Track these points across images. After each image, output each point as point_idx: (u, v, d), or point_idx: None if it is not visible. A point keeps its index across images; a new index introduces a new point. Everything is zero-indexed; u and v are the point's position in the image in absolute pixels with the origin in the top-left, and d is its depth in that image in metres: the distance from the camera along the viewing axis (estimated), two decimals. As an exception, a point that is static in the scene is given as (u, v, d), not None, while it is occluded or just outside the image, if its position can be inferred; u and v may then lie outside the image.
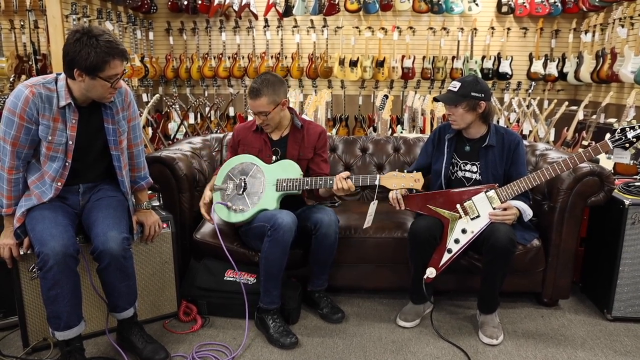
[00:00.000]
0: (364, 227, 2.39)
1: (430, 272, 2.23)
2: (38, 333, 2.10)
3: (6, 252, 1.95)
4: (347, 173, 2.27)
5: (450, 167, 2.43)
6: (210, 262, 2.49)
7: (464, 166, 2.41)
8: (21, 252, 1.98)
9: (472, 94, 2.24)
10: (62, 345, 1.94)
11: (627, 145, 2.11)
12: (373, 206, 2.33)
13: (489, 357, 2.13)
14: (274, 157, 2.44)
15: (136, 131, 2.18)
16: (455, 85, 2.28)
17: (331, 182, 2.27)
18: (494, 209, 2.22)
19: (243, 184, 2.42)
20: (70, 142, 1.94)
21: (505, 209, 2.20)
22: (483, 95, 2.25)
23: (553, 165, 2.17)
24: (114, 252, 1.91)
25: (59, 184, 1.97)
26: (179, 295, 2.43)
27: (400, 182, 2.21)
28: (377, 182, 2.23)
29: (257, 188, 2.39)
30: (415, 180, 2.19)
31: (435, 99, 2.39)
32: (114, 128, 2.04)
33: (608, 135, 2.16)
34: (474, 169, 2.38)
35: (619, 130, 2.12)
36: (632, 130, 2.09)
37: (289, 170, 2.36)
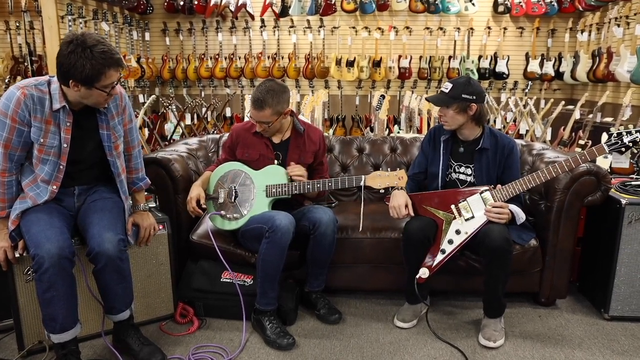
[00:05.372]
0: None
1: (423, 273, 2.22)
2: (33, 336, 2.09)
3: (1, 255, 1.93)
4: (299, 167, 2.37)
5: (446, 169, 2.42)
6: (207, 264, 2.48)
7: (458, 168, 2.40)
8: (16, 255, 1.96)
9: (463, 95, 2.21)
10: (58, 348, 1.93)
11: (623, 149, 2.11)
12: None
13: (486, 357, 2.13)
14: (275, 162, 2.44)
15: (133, 134, 2.17)
16: (447, 87, 2.26)
17: (318, 185, 2.31)
18: None
19: (234, 192, 2.42)
20: (65, 145, 1.92)
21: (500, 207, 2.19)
22: (474, 97, 2.22)
23: (549, 167, 2.16)
24: (110, 253, 1.90)
25: (54, 187, 1.96)
26: (176, 297, 2.42)
27: (385, 181, 2.24)
28: (362, 183, 2.25)
29: (247, 195, 2.40)
30: (399, 178, 2.23)
31: (427, 100, 2.39)
32: (108, 134, 2.02)
33: (604, 139, 2.16)
34: (468, 171, 2.37)
35: (615, 135, 2.10)
36: (628, 135, 2.09)
37: (276, 175, 2.38)
